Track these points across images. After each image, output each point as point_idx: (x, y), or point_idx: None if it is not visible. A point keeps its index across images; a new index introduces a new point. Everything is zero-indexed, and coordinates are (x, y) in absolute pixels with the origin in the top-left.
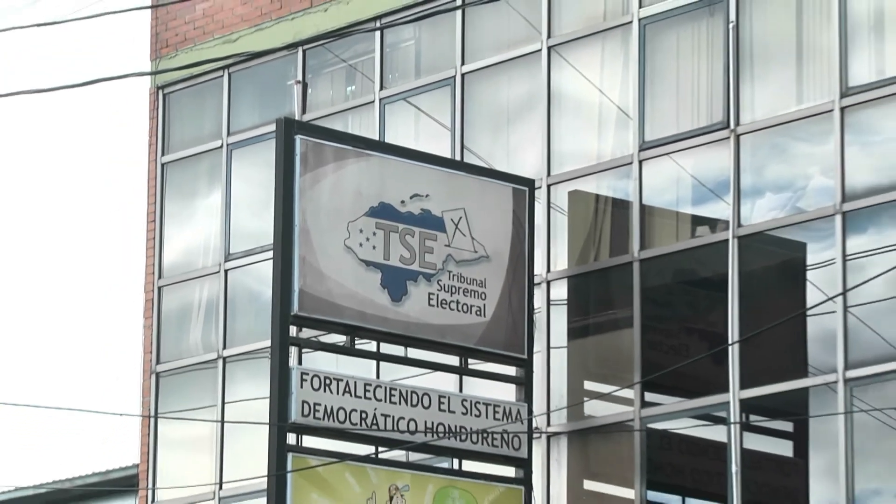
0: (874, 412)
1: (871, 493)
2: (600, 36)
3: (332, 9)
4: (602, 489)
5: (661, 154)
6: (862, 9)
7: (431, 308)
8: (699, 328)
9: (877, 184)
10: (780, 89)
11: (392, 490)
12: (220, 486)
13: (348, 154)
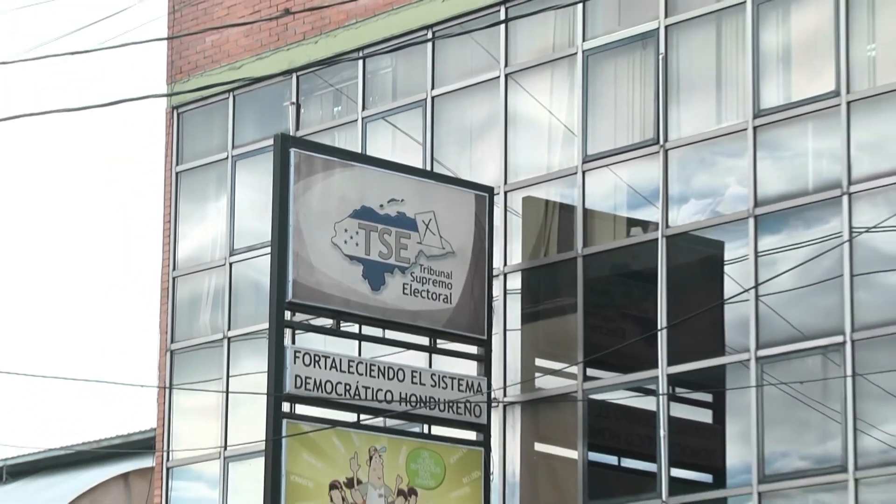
0: (781, 385)
1: (779, 455)
2: (550, 65)
3: (321, 41)
4: (550, 451)
5: (601, 166)
6: (771, 43)
7: (405, 296)
8: (633, 314)
9: (785, 192)
10: (702, 111)
11: (371, 451)
12: (225, 447)
13: (335, 165)
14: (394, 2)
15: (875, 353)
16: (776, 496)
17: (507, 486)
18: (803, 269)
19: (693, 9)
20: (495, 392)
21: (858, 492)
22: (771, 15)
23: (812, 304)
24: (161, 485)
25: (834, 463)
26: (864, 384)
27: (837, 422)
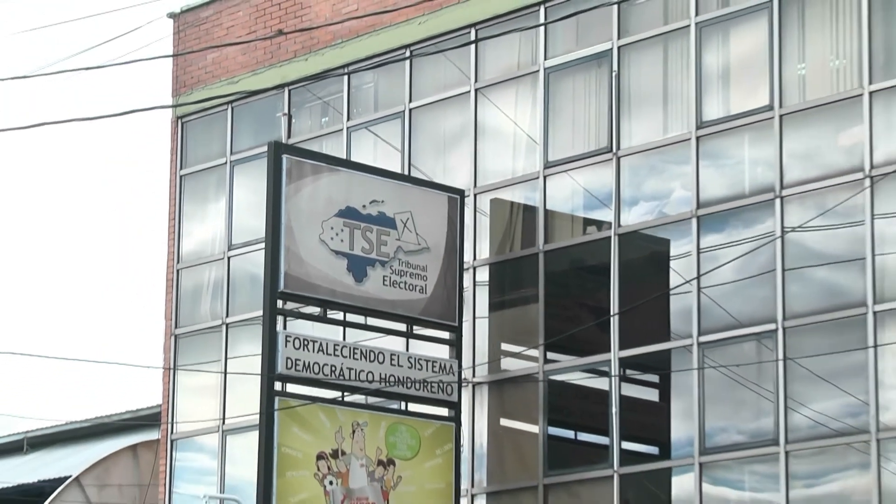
0: (720, 368)
1: (718, 430)
2: (515, 81)
3: (311, 59)
4: (514, 426)
5: (560, 171)
6: (712, 62)
7: (385, 287)
8: (588, 304)
9: (724, 195)
10: (650, 123)
11: (354, 425)
12: (224, 422)
13: (322, 169)
14: (375, 24)
15: (804, 339)
16: (715, 467)
17: (475, 457)
18: (740, 263)
19: (643, 31)
20: (465, 373)
21: (789, 463)
22: (712, 37)
23: (748, 295)
24: (166, 455)
25: (767, 437)
26: (794, 367)
27: (770, 401)
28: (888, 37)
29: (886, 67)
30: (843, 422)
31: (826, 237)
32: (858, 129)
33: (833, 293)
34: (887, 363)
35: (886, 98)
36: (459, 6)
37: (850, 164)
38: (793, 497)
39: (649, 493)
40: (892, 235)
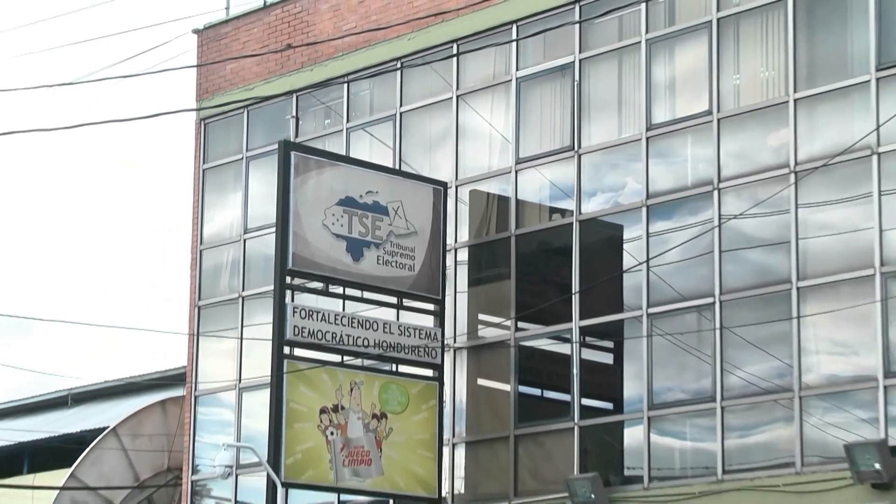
0: (666, 336)
1: (665, 390)
2: (490, 89)
3: (315, 69)
4: (489, 385)
5: (530, 166)
6: (660, 73)
7: (379, 265)
8: (553, 280)
9: (670, 187)
10: (607, 125)
11: (352, 384)
12: (240, 381)
13: (325, 164)
14: (371, 39)
15: (737, 311)
16: (661, 420)
17: (455, 411)
18: (684, 246)
19: (600, 47)
20: (447, 339)
21: (724, 417)
22: (660, 52)
23: (690, 273)
24: (190, 409)
25: (706, 395)
26: (729, 335)
27: (708, 364)
28: (810, 52)
29: (808, 78)
30: (771, 382)
31: (757, 224)
32: (785, 132)
33: (763, 272)
34: (808, 332)
35: (808, 105)
36: (443, 24)
37: (777, 162)
38: (727, 446)
39: (605, 443)
40: (813, 223)
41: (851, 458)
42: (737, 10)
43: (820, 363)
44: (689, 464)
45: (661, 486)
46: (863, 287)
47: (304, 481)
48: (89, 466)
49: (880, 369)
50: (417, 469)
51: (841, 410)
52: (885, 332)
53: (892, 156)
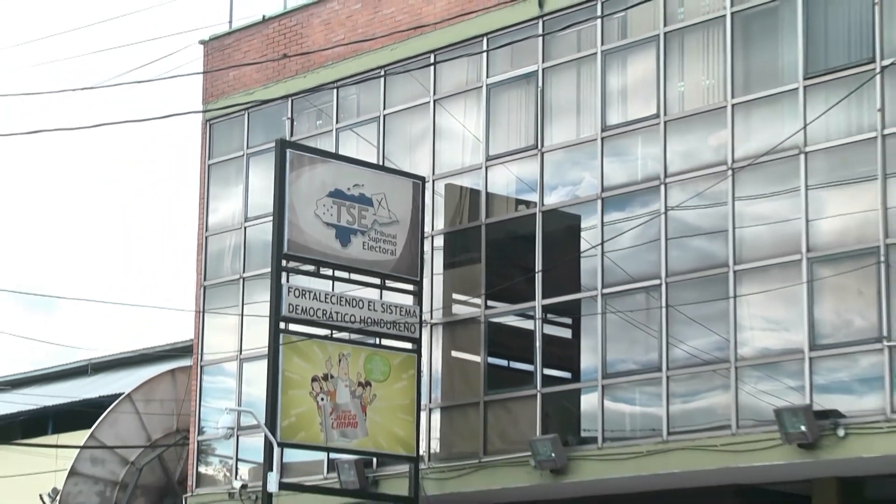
0: (618, 313)
1: (617, 361)
2: (464, 94)
3: (308, 76)
4: (462, 356)
5: (499, 163)
6: (614, 81)
7: (365, 250)
8: (519, 264)
9: (622, 182)
10: (567, 126)
11: (340, 356)
12: (241, 352)
13: (317, 160)
14: (357, 50)
15: (681, 291)
16: (614, 388)
17: (432, 380)
18: (634, 234)
19: (561, 57)
20: (425, 316)
21: (669, 385)
22: (614, 62)
23: (639, 258)
24: (196, 378)
25: (653, 365)
26: (674, 313)
27: (655, 338)
28: (745, 63)
29: (744, 86)
30: (711, 354)
31: (698, 214)
32: (723, 133)
33: (703, 257)
34: (743, 310)
35: (744, 109)
36: (421, 37)
37: (716, 159)
38: (672, 411)
39: (564, 408)
40: (748, 213)
41: (780, 421)
42: (681, 26)
43: (753, 338)
44: (638, 426)
45: (613, 445)
46: (791, 270)
47: (298, 441)
48: (107, 428)
49: (806, 343)
50: (398, 431)
51: (771, 379)
52: (811, 310)
53: (818, 154)
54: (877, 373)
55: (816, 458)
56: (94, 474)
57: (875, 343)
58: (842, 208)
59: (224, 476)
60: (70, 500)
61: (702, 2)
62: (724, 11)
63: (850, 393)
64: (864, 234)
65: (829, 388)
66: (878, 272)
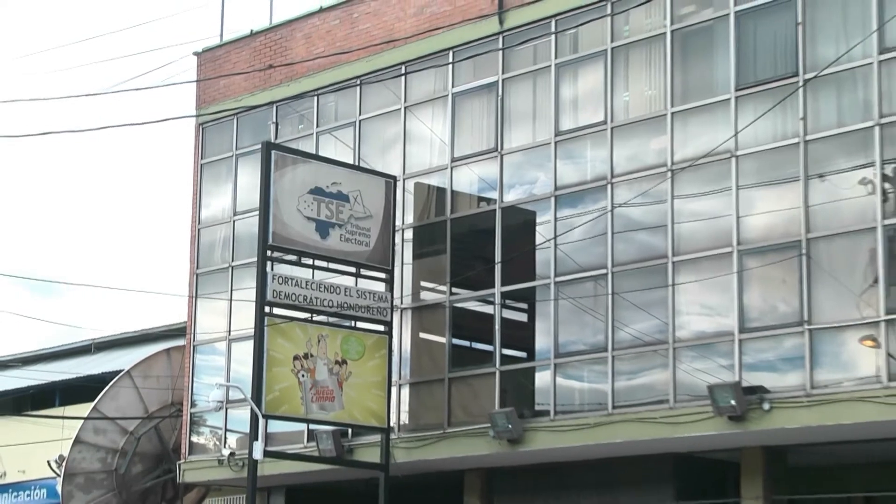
0: (569, 299)
1: (568, 342)
2: (431, 102)
3: (291, 84)
4: (429, 338)
5: (463, 164)
6: (567, 91)
7: (342, 242)
8: (480, 254)
9: (574, 181)
10: (525, 131)
11: (319, 336)
12: (230, 333)
13: (299, 161)
14: (336, 61)
15: (625, 280)
16: (565, 366)
17: (402, 359)
18: (583, 229)
19: (519, 69)
20: (395, 301)
21: (614, 364)
22: (566, 74)
23: (588, 250)
24: (189, 356)
25: (600, 346)
26: (619, 299)
27: (602, 322)
28: (683, 76)
29: (683, 96)
30: (651, 336)
31: (641, 211)
32: (664, 138)
33: (645, 249)
34: (680, 297)
35: (683, 117)
36: (394, 50)
37: (658, 162)
38: (616, 387)
39: (520, 385)
40: (685, 210)
41: (713, 396)
42: (627, 42)
43: (689, 322)
44: (587, 400)
45: (564, 418)
46: (723, 261)
47: (281, 414)
48: (108, 401)
49: (736, 326)
50: (371, 404)
51: (705, 359)
52: (741, 297)
53: (747, 158)
54: (798, 353)
55: (744, 430)
56: (97, 443)
57: (797, 326)
58: (768, 206)
59: (214, 445)
60: (75, 466)
61: (645, 20)
62: (664, 29)
63: (775, 371)
64: (788, 229)
65: (756, 367)
66: (799, 263)
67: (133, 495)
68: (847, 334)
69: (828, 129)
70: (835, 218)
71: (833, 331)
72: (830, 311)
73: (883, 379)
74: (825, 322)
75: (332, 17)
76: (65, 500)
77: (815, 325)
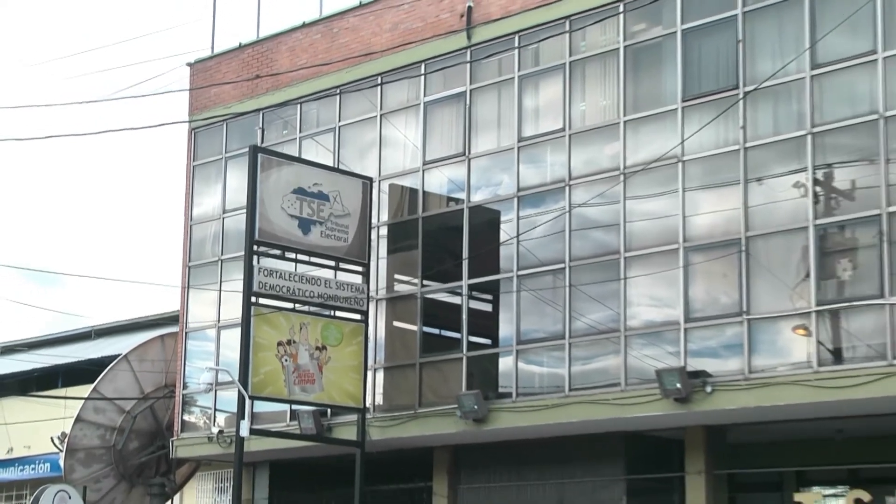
0: (531, 291)
1: (529, 331)
2: (405, 110)
3: (277, 93)
4: (402, 326)
5: (434, 167)
6: (529, 101)
7: (322, 237)
8: (449, 250)
9: (535, 183)
10: (490, 137)
11: (301, 324)
12: (219, 321)
13: (283, 163)
14: (317, 72)
15: (582, 274)
16: (526, 352)
17: (377, 346)
18: (544, 227)
19: (485, 80)
20: (371, 293)
21: (571, 350)
22: (528, 85)
23: (548, 246)
24: (182, 342)
25: (558, 334)
26: (576, 291)
27: (560, 312)
28: (635, 88)
29: (634, 106)
30: (605, 325)
31: (596, 211)
32: (617, 144)
33: (600, 246)
34: (632, 290)
35: (634, 125)
36: (371, 62)
37: (611, 166)
38: (573, 371)
39: (485, 369)
40: (637, 211)
41: (660, 379)
42: (583, 56)
43: (640, 312)
44: (545, 384)
45: (524, 399)
46: (670, 257)
47: (266, 395)
48: (107, 383)
49: (682, 316)
50: (349, 387)
51: (654, 346)
52: (686, 290)
53: (693, 163)
54: (738, 341)
55: (688, 410)
56: (97, 421)
57: (737, 317)
58: (711, 207)
59: (204, 423)
60: (76, 442)
61: (600, 37)
62: (617, 45)
63: (717, 357)
64: (729, 228)
65: (700, 353)
66: (739, 259)
67: (129, 469)
68: (782, 324)
69: (765, 138)
70: (771, 218)
71: (769, 320)
72: (767, 303)
73: (814, 364)
74: (762, 312)
75: (314, 32)
76: (67, 474)
77: (753, 315)
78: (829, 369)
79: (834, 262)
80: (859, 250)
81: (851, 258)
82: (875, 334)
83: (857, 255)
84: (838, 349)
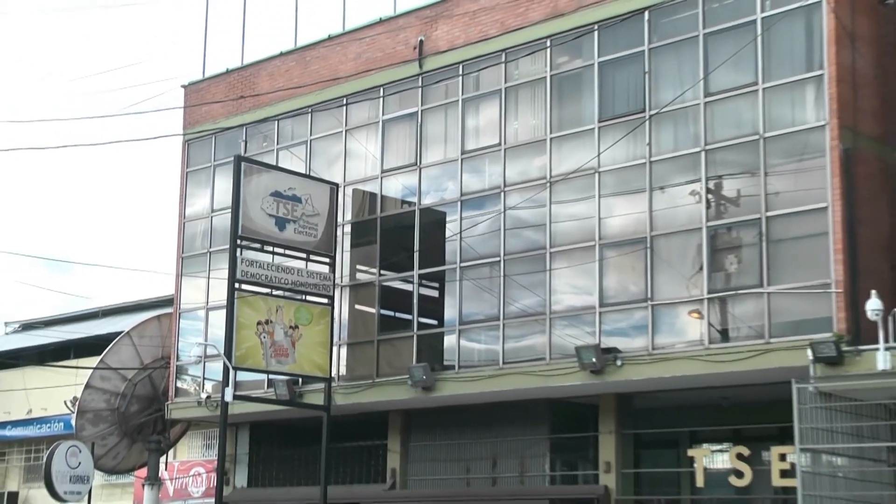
0: (472, 280)
1: (471, 313)
2: (366, 126)
3: (258, 111)
4: (363, 309)
5: (392, 175)
6: (470, 121)
7: (296, 233)
8: (403, 244)
9: (476, 189)
10: (438, 150)
11: (277, 307)
12: (208, 303)
13: (263, 170)
14: (292, 94)
15: (514, 266)
16: (468, 332)
17: (341, 325)
18: (483, 225)
19: (434, 102)
20: (337, 281)
21: (504, 330)
22: (470, 107)
23: (487, 242)
24: (176, 321)
25: (494, 316)
26: (510, 281)
27: (496, 298)
28: (560, 110)
29: (559, 125)
30: (534, 309)
31: (528, 213)
32: (544, 157)
33: (529, 242)
34: (556, 280)
35: (559, 142)
36: (337, 86)
37: (540, 175)
38: (506, 347)
39: (432, 346)
40: (561, 213)
41: (578, 354)
42: (517, 83)
43: (563, 298)
44: (483, 358)
45: (466, 371)
46: (588, 252)
47: (247, 366)
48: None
49: (597, 302)
50: (317, 359)
51: (574, 326)
52: (601, 279)
53: (607, 174)
54: (643, 322)
55: (602, 380)
56: (103, 387)
57: (643, 303)
58: (622, 210)
59: (195, 390)
60: (85, 405)
61: (531, 67)
62: (545, 74)
63: (626, 336)
64: (637, 228)
65: (612, 333)
66: (645, 255)
67: (131, 428)
68: (679, 308)
69: (667, 153)
70: (671, 220)
71: (669, 306)
72: (667, 291)
73: (705, 342)
74: (663, 299)
75: (289, 60)
76: (77, 432)
77: (656, 301)
78: (717, 346)
79: (723, 258)
80: (743, 248)
81: (737, 254)
82: (755, 317)
83: (741, 252)
84: (725, 330)
